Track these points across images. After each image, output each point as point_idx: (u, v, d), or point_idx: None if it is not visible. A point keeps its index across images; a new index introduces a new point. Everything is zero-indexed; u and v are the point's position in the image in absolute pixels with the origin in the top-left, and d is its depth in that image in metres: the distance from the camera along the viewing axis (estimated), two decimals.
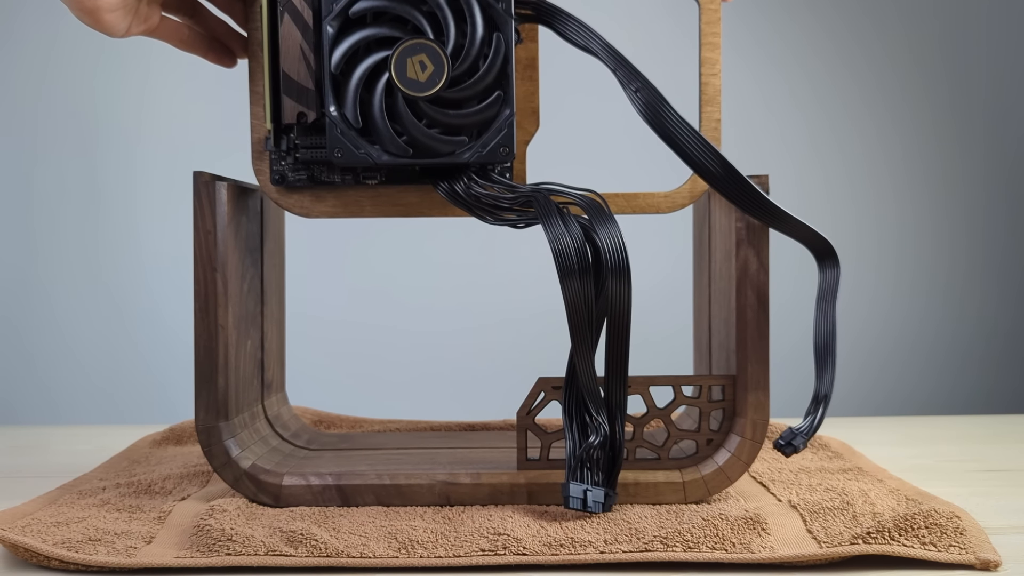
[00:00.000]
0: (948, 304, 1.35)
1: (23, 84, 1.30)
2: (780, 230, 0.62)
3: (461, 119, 0.64)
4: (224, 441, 0.64)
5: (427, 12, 0.64)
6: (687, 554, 0.53)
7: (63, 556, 0.53)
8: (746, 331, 0.63)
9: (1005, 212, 1.35)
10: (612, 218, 0.61)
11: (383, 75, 0.64)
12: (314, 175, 0.67)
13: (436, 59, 0.62)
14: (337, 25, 0.64)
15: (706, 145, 0.61)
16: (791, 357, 1.12)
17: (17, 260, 1.31)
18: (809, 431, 0.58)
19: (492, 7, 0.64)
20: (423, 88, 0.63)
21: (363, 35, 0.64)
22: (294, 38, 0.65)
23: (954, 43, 1.34)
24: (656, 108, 0.62)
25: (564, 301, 0.58)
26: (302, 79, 0.65)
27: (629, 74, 0.64)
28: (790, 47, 1.35)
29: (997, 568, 0.52)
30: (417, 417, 0.94)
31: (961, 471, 0.79)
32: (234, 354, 0.65)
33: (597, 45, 0.65)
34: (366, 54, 0.64)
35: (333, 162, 0.64)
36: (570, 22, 0.66)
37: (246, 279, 0.67)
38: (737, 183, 0.61)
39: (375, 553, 0.54)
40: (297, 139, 0.66)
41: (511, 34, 0.64)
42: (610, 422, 0.60)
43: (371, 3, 0.64)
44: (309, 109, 0.65)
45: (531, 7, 0.66)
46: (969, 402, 1.34)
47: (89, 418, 1.30)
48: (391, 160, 0.64)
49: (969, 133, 1.34)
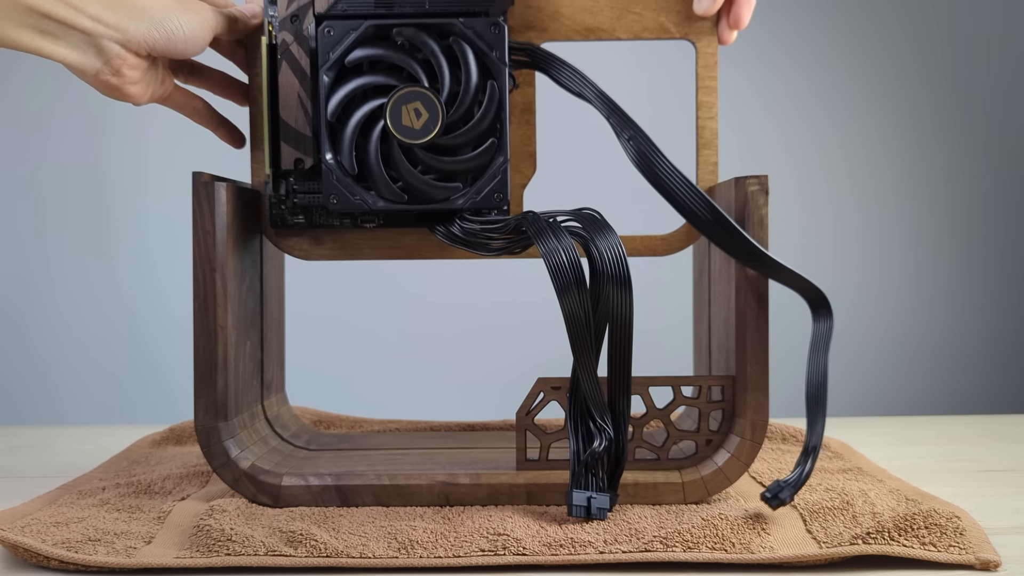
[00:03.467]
0: (948, 304, 1.35)
1: (26, 82, 1.30)
2: (773, 278, 0.63)
3: (455, 165, 0.65)
4: (223, 441, 0.64)
5: (422, 60, 0.65)
6: (687, 554, 0.53)
7: (63, 556, 0.53)
8: (745, 332, 0.63)
9: (1006, 213, 1.35)
10: (610, 227, 0.61)
11: (379, 122, 0.65)
12: (312, 218, 0.68)
13: (431, 107, 0.63)
14: (333, 74, 0.65)
15: (698, 194, 0.62)
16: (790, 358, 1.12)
17: (19, 259, 1.32)
18: (797, 483, 0.58)
19: (487, 55, 0.64)
20: (418, 135, 0.63)
21: (359, 83, 0.65)
22: (292, 86, 0.66)
23: (956, 41, 1.34)
24: (648, 156, 0.63)
25: (563, 315, 0.58)
26: (300, 126, 0.66)
27: (622, 122, 0.64)
28: (790, 47, 1.35)
29: (997, 568, 0.52)
30: (417, 417, 0.94)
31: (961, 471, 0.79)
32: (233, 354, 0.65)
33: (591, 92, 0.66)
34: (362, 102, 0.65)
35: (329, 208, 0.65)
36: (565, 69, 0.66)
37: (245, 279, 0.67)
38: (728, 232, 0.61)
39: (375, 553, 0.54)
40: (295, 184, 0.67)
41: (505, 82, 0.65)
42: (614, 428, 0.60)
43: (366, 52, 0.65)
44: (306, 155, 0.66)
45: (527, 54, 0.67)
46: (969, 402, 1.34)
47: (89, 417, 1.30)
48: (387, 206, 0.65)
49: (971, 134, 1.34)
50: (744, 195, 0.63)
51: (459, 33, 0.65)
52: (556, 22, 0.69)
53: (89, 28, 0.59)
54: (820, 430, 0.60)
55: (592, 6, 0.69)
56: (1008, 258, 1.35)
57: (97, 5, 0.59)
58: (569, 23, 0.69)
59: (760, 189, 0.63)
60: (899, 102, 1.34)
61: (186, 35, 0.63)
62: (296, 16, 0.66)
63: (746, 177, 0.64)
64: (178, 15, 0.63)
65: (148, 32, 0.61)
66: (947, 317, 1.35)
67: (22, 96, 1.30)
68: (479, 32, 0.64)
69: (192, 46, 0.64)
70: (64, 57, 0.60)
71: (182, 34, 0.63)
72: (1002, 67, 1.34)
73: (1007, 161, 1.35)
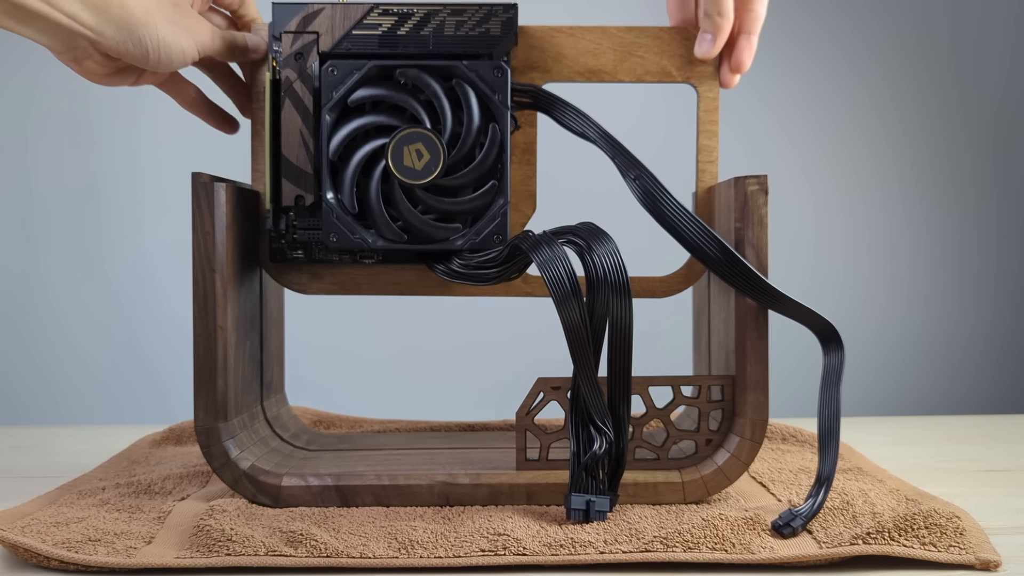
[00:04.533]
0: (948, 304, 1.35)
1: (21, 82, 1.30)
2: (782, 313, 0.62)
3: (456, 206, 0.66)
4: (223, 442, 0.64)
5: (424, 101, 0.65)
6: (687, 554, 0.53)
7: (63, 556, 0.53)
8: (745, 331, 0.63)
9: (1007, 212, 1.35)
10: (606, 235, 0.61)
11: (380, 162, 0.65)
12: (312, 253, 0.69)
13: (432, 148, 0.64)
14: (335, 114, 0.65)
15: (705, 231, 0.62)
16: (790, 357, 1.12)
17: (17, 259, 1.31)
18: (809, 514, 0.58)
19: (489, 98, 0.65)
20: (419, 176, 0.64)
21: (360, 123, 0.65)
22: (295, 123, 0.67)
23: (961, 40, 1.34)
24: (654, 195, 0.63)
25: (563, 325, 0.58)
26: (301, 163, 0.67)
27: (627, 162, 0.64)
28: (790, 46, 1.35)
29: (997, 568, 0.52)
30: (417, 417, 0.94)
31: (961, 471, 0.79)
32: (233, 355, 0.65)
33: (595, 133, 0.66)
34: (364, 141, 0.66)
35: (329, 246, 0.65)
36: (567, 110, 0.67)
37: (245, 280, 0.67)
38: (737, 268, 0.61)
39: (375, 553, 0.54)
40: (295, 220, 0.68)
41: (507, 125, 0.65)
42: (615, 431, 0.60)
43: (369, 92, 0.66)
44: (307, 193, 0.67)
45: (529, 95, 0.67)
46: (969, 402, 1.34)
47: (90, 418, 1.30)
48: (386, 245, 0.65)
49: (972, 134, 1.34)
50: (744, 195, 0.63)
51: (462, 75, 0.65)
52: (559, 64, 0.70)
53: (62, 22, 0.58)
54: (833, 461, 0.60)
55: (595, 48, 0.69)
56: (1008, 258, 1.35)
57: (75, 3, 0.57)
58: (572, 65, 0.70)
59: (759, 189, 0.63)
60: (905, 101, 1.34)
61: (166, 54, 0.62)
62: (300, 54, 0.66)
63: (745, 177, 0.64)
64: (166, 30, 0.61)
65: (123, 43, 0.60)
66: (947, 317, 1.35)
67: (19, 94, 1.30)
68: (482, 75, 0.65)
69: (167, 66, 0.63)
70: (30, 36, 0.58)
71: (162, 53, 0.61)
72: (1010, 62, 1.34)
73: (1012, 160, 1.35)
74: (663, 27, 0.70)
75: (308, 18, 0.66)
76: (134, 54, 0.61)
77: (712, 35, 0.67)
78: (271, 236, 0.69)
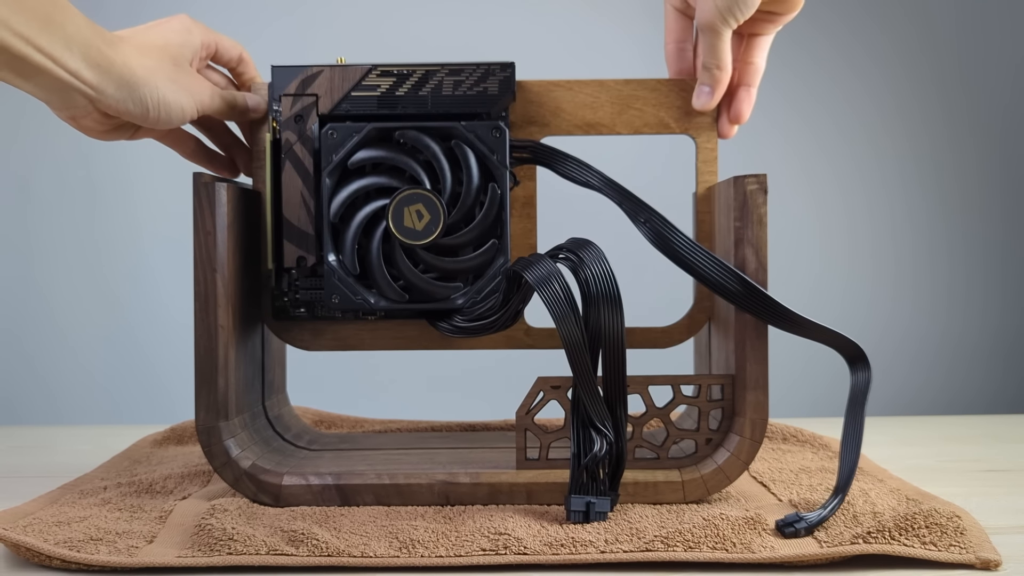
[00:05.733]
0: (948, 304, 1.35)
1: None
2: (808, 337, 0.62)
3: (457, 265, 0.66)
4: (224, 441, 0.64)
5: (423, 161, 0.66)
6: (688, 554, 0.53)
7: (65, 556, 0.53)
8: (745, 330, 0.63)
9: (1008, 212, 1.35)
10: (596, 248, 0.61)
11: (381, 223, 0.66)
12: (314, 311, 0.69)
13: (433, 208, 0.64)
14: (336, 176, 0.66)
15: (722, 266, 0.62)
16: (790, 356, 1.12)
17: (16, 260, 1.31)
18: (816, 521, 0.57)
19: (487, 158, 0.65)
20: (420, 236, 0.64)
21: (361, 184, 0.66)
22: (295, 184, 0.67)
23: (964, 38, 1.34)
24: (667, 236, 0.63)
25: (562, 340, 0.59)
26: (303, 224, 0.67)
27: (634, 206, 0.65)
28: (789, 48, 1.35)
29: (998, 568, 0.52)
30: (417, 417, 0.94)
31: (961, 471, 0.79)
32: (234, 354, 0.65)
33: (598, 181, 0.66)
34: (364, 203, 0.66)
35: (331, 307, 0.66)
36: (568, 161, 0.67)
37: (246, 279, 0.68)
38: (758, 299, 0.61)
39: (376, 552, 0.54)
40: (297, 280, 0.69)
41: (507, 185, 0.66)
42: (615, 432, 0.60)
43: (369, 154, 0.66)
44: (309, 254, 0.67)
45: (528, 150, 0.67)
46: (969, 402, 1.34)
47: (90, 418, 1.30)
48: (388, 306, 0.66)
49: (977, 131, 1.34)
50: (743, 194, 0.63)
51: (461, 136, 0.66)
52: (557, 117, 0.70)
53: (63, 79, 0.57)
54: (850, 477, 0.60)
55: (593, 102, 0.70)
56: (1009, 258, 1.35)
57: (78, 61, 0.57)
58: (570, 118, 0.70)
59: (759, 188, 0.63)
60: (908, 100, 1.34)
61: (165, 112, 0.62)
62: (300, 116, 0.67)
63: (744, 176, 0.64)
64: (166, 89, 0.61)
65: (124, 102, 0.60)
66: (947, 317, 1.35)
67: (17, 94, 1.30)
68: (480, 136, 0.66)
69: (166, 123, 0.63)
70: (29, 91, 0.58)
71: (161, 111, 0.62)
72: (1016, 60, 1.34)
73: (1016, 159, 1.35)
74: (660, 79, 0.71)
75: (307, 80, 0.67)
76: (134, 112, 0.61)
77: (711, 87, 0.68)
78: (273, 294, 0.69)
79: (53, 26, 0.55)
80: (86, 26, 0.58)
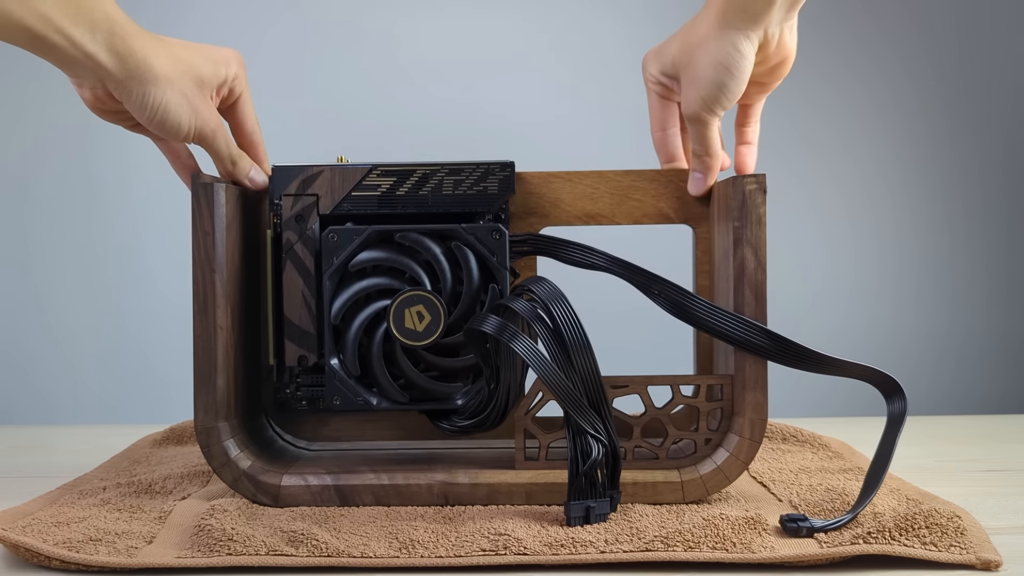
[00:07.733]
0: (947, 304, 1.35)
1: (19, 84, 1.30)
2: (841, 375, 0.63)
3: (457, 364, 0.67)
4: (223, 441, 0.64)
5: (423, 261, 0.66)
6: (688, 554, 0.53)
7: (64, 556, 0.53)
8: None
9: (1013, 212, 1.35)
10: (558, 292, 0.61)
11: (382, 324, 0.66)
12: (316, 404, 0.69)
13: (433, 310, 0.65)
14: (337, 279, 0.66)
15: (747, 324, 0.62)
16: None
17: (16, 260, 1.31)
18: (823, 527, 0.57)
19: (487, 259, 0.66)
20: (421, 337, 0.65)
21: (362, 286, 0.67)
22: (296, 284, 0.67)
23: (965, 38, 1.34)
24: (683, 304, 0.63)
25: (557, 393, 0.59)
26: (304, 324, 0.67)
27: (646, 280, 0.65)
28: None
29: (998, 568, 0.52)
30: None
31: (961, 471, 0.79)
32: (233, 355, 0.65)
33: (603, 261, 0.66)
34: (365, 304, 0.67)
35: (332, 408, 0.66)
36: (570, 248, 0.67)
37: (245, 280, 0.67)
38: (789, 349, 0.62)
39: (376, 553, 0.54)
40: (299, 378, 0.69)
41: (507, 284, 0.66)
42: (605, 431, 0.60)
43: (369, 255, 0.66)
44: (310, 353, 0.67)
45: (528, 244, 0.68)
46: (969, 402, 1.34)
47: (89, 418, 1.30)
48: (389, 407, 0.67)
49: (979, 132, 1.34)
50: (742, 194, 0.63)
51: (460, 238, 0.66)
52: (557, 208, 0.70)
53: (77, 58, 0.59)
54: (871, 494, 0.60)
55: (592, 193, 0.70)
56: (1010, 258, 1.35)
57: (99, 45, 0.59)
58: (570, 209, 0.70)
59: (758, 188, 0.63)
60: (911, 100, 1.34)
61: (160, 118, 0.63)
62: (301, 216, 0.67)
63: (744, 176, 0.64)
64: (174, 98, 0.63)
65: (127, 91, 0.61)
66: (946, 317, 1.35)
67: (16, 95, 1.30)
68: (480, 237, 0.66)
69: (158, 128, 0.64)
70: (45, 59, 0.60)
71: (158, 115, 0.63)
72: (1017, 61, 1.34)
73: (1015, 159, 1.35)
74: (659, 169, 0.71)
75: (308, 180, 0.67)
76: (131, 104, 0.62)
77: (702, 174, 0.69)
78: (275, 387, 0.70)
79: (81, 11, 0.58)
80: (116, 14, 0.60)
